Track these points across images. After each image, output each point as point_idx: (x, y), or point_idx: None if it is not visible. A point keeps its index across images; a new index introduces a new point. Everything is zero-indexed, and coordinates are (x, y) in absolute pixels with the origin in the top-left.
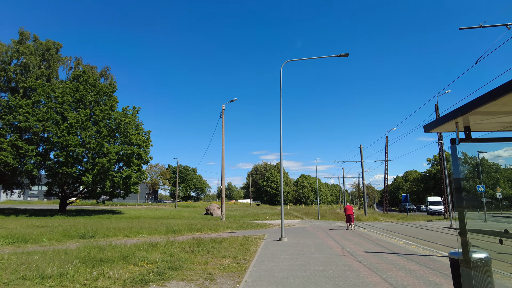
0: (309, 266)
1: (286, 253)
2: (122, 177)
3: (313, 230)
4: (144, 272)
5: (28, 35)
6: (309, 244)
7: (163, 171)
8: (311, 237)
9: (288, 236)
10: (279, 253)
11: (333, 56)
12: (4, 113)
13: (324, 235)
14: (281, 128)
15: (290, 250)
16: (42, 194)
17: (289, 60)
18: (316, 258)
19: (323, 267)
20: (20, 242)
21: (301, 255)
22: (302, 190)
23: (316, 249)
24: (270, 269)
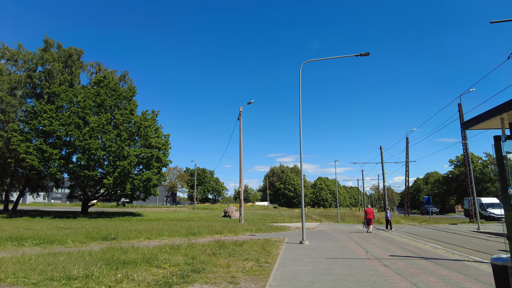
0: (334, 270)
1: (308, 257)
2: (142, 180)
3: (334, 233)
4: (168, 274)
5: (52, 42)
6: (332, 247)
7: (181, 174)
8: (333, 240)
9: (309, 239)
10: (301, 257)
11: (353, 55)
12: (30, 118)
13: (345, 239)
14: (301, 130)
15: (313, 253)
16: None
17: (308, 60)
18: (340, 262)
19: (348, 271)
20: (46, 243)
21: (324, 258)
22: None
23: (339, 252)
24: (294, 273)
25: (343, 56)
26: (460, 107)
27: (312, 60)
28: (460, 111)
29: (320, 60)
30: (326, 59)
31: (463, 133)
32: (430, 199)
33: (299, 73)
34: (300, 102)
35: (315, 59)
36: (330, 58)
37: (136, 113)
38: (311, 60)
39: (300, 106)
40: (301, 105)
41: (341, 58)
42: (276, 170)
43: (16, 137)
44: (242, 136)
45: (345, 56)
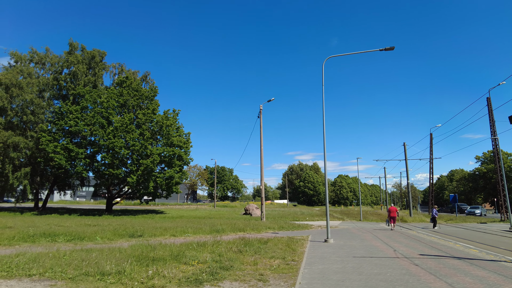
0: (363, 269)
1: (335, 255)
2: (165, 178)
3: (358, 231)
4: (197, 271)
5: (77, 45)
6: (358, 246)
7: (201, 172)
8: (358, 238)
9: (333, 238)
10: (328, 255)
11: (377, 50)
12: (57, 119)
13: (371, 237)
14: (324, 127)
15: (339, 252)
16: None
17: (331, 56)
18: (368, 261)
19: (378, 270)
20: (77, 239)
21: (352, 257)
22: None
23: (366, 251)
24: (322, 271)
25: (367, 51)
26: (488, 101)
27: (335, 56)
28: (489, 105)
29: (340, 57)
30: (350, 54)
31: (492, 128)
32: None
33: (322, 69)
34: (323, 99)
35: (338, 55)
36: (353, 53)
37: (158, 113)
38: (334, 56)
39: (324, 103)
40: (324, 101)
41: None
42: (295, 168)
43: (44, 137)
44: (262, 134)
45: (369, 51)
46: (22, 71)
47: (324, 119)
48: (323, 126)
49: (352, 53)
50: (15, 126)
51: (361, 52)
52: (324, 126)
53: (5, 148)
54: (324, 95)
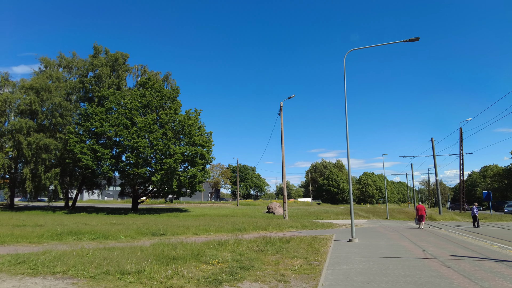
0: (390, 270)
1: (360, 255)
2: (188, 177)
3: (384, 230)
4: (217, 271)
5: (101, 48)
6: (384, 245)
7: (224, 171)
8: (384, 238)
9: (358, 237)
10: (352, 255)
11: (401, 41)
12: (84, 121)
13: (398, 236)
14: (347, 123)
15: (364, 252)
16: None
17: (352, 49)
18: (395, 261)
19: (406, 271)
20: (101, 238)
21: (377, 257)
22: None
23: (393, 251)
24: (346, 272)
25: (390, 42)
26: None
27: (356, 49)
28: None
29: (363, 51)
30: (372, 46)
31: None
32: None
33: (343, 63)
34: (345, 94)
35: (360, 47)
36: (376, 45)
37: (180, 113)
38: (356, 49)
39: (346, 98)
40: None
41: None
42: (319, 166)
43: (72, 138)
44: (283, 132)
45: (392, 42)
46: (51, 76)
47: (347, 115)
48: (346, 122)
49: (374, 46)
50: (46, 129)
51: (384, 44)
52: (346, 122)
53: (37, 149)
54: (346, 91)
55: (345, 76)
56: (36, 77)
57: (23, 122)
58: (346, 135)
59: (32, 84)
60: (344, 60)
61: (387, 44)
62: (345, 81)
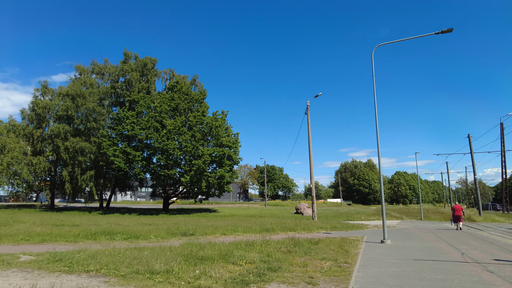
0: (425, 274)
1: (392, 258)
2: (216, 177)
3: (418, 231)
4: (244, 272)
5: (130, 54)
6: (418, 247)
7: (252, 171)
8: (418, 239)
9: (391, 238)
10: (384, 257)
11: (433, 33)
12: (116, 124)
13: (433, 238)
14: (377, 120)
15: (396, 254)
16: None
17: (381, 44)
18: (430, 265)
19: (443, 275)
20: (133, 238)
21: (411, 260)
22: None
23: (428, 254)
24: (377, 275)
25: (421, 35)
26: None
27: (385, 44)
28: None
29: (392, 47)
30: (402, 40)
31: None
32: None
33: (372, 58)
34: (374, 90)
35: (389, 42)
36: (406, 39)
37: (207, 115)
38: (384, 44)
39: (375, 95)
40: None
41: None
42: (349, 166)
43: (105, 142)
44: (310, 131)
45: (424, 35)
46: (85, 82)
47: (376, 113)
48: (376, 120)
49: (404, 39)
50: (81, 133)
51: (415, 38)
52: (376, 120)
53: (74, 153)
54: (376, 87)
55: (373, 71)
56: (71, 84)
57: (60, 127)
58: (377, 133)
59: (68, 91)
60: (372, 55)
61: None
62: (373, 77)
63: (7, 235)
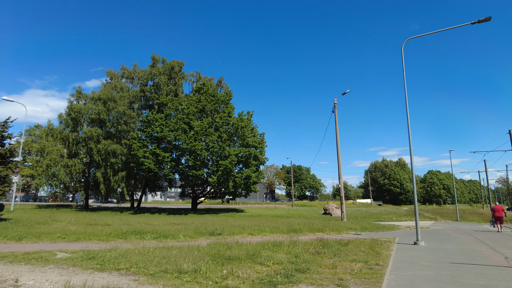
0: (464, 279)
1: (426, 260)
2: (243, 177)
3: (454, 233)
4: (272, 273)
5: (158, 58)
6: (454, 250)
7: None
8: (454, 241)
9: (424, 240)
10: (418, 260)
11: (469, 23)
12: (145, 127)
13: (471, 240)
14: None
15: (431, 256)
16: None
17: (411, 37)
18: (470, 269)
19: (485, 281)
20: (162, 237)
21: (448, 263)
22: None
23: (466, 257)
24: (411, 278)
25: (457, 26)
26: None
27: (416, 37)
28: None
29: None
30: (434, 32)
31: None
32: None
33: (401, 52)
34: (405, 85)
35: (419, 35)
36: (438, 31)
37: (233, 115)
38: (415, 37)
39: (405, 90)
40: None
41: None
42: (379, 165)
43: (135, 144)
44: (338, 130)
45: (459, 26)
46: (116, 87)
47: (408, 109)
48: (407, 117)
49: (436, 32)
50: (112, 135)
51: (448, 29)
52: (408, 117)
53: (106, 155)
54: (406, 83)
55: (403, 66)
56: (103, 89)
57: (93, 130)
58: (408, 131)
59: (100, 95)
60: (402, 50)
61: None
62: (404, 72)
63: (45, 233)
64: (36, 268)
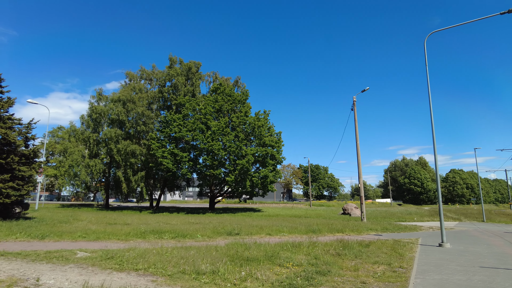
0: (498, 285)
1: (454, 263)
2: (260, 177)
3: (482, 235)
4: (291, 275)
5: (175, 59)
6: (484, 253)
7: (295, 171)
8: (483, 244)
9: (450, 242)
10: (445, 263)
11: (497, 14)
12: (163, 127)
13: (501, 243)
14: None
15: (459, 259)
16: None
17: (434, 31)
18: (503, 274)
19: None
20: (180, 237)
21: (478, 267)
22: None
23: (498, 260)
24: (440, 283)
25: (482, 18)
26: None
27: (439, 30)
28: None
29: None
30: (458, 25)
31: None
32: None
33: (424, 47)
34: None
35: (442, 29)
36: (463, 23)
37: (250, 115)
38: (438, 30)
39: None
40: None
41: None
42: (398, 164)
43: (154, 144)
44: (357, 128)
45: (485, 17)
46: (134, 88)
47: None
48: (430, 112)
49: (460, 24)
50: (132, 136)
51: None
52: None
53: (125, 155)
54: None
55: (426, 61)
56: (122, 90)
57: (113, 131)
58: (432, 128)
59: (120, 96)
60: (424, 44)
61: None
62: (427, 67)
63: (67, 232)
64: (57, 267)
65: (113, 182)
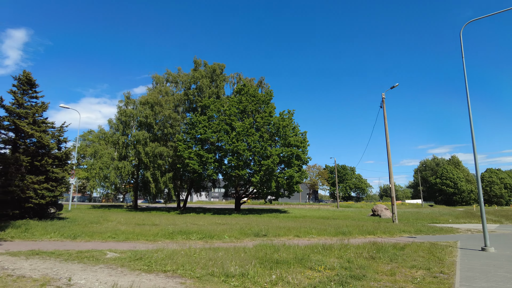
0: None
1: (503, 270)
2: (285, 178)
3: None
4: (324, 279)
5: (200, 62)
6: None
7: (321, 171)
8: None
9: (494, 246)
10: (492, 269)
11: None
12: (189, 129)
13: None
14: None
15: (508, 266)
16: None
17: (470, 20)
18: None
19: None
20: (207, 238)
21: None
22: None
23: None
24: None
25: None
26: None
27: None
28: None
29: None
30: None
31: None
32: None
33: (460, 38)
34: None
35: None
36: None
37: (274, 115)
38: (475, 20)
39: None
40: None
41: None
42: (429, 163)
43: (180, 145)
44: (387, 126)
45: None
46: (161, 91)
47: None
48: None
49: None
50: (159, 138)
51: None
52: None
53: (153, 157)
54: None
55: (463, 53)
56: (150, 93)
57: (140, 134)
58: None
59: (147, 100)
60: (460, 35)
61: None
62: (463, 59)
63: (97, 232)
64: (87, 267)
65: (142, 183)
